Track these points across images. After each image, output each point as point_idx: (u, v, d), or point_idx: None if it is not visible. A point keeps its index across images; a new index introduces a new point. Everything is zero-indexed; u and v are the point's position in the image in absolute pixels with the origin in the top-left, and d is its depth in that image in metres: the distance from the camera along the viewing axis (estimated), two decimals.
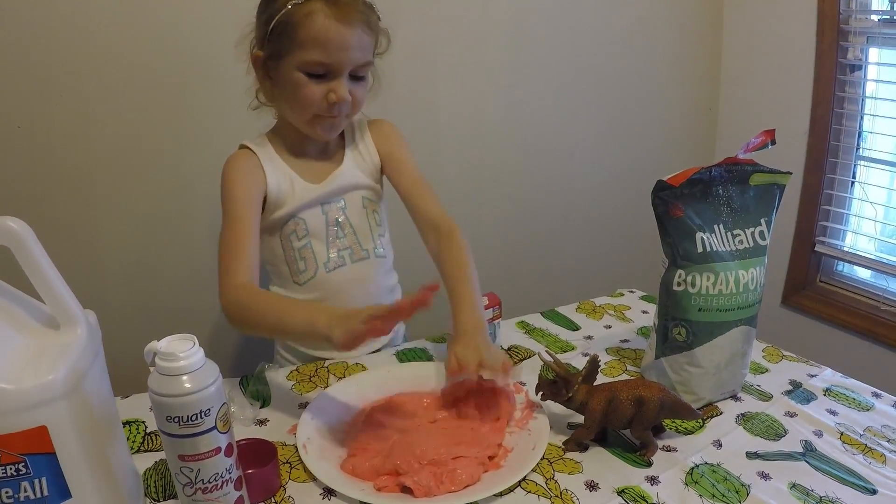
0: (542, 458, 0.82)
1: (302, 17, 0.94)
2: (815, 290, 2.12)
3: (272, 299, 0.98)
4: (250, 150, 1.09)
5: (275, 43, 0.99)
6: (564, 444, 0.87)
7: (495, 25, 1.81)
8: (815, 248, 2.08)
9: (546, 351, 1.13)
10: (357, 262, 1.15)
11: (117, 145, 1.45)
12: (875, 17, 1.87)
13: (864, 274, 2.06)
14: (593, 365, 0.86)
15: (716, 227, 0.93)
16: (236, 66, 1.49)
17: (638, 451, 0.85)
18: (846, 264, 2.09)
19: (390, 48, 1.09)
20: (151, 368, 0.63)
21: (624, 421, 0.84)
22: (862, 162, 1.99)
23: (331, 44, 0.95)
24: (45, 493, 0.60)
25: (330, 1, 0.94)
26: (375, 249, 1.17)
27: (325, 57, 0.96)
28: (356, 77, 1.02)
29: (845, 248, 2.06)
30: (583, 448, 0.86)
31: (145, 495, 0.77)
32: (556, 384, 0.87)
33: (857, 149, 1.98)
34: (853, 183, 2.01)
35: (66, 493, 0.61)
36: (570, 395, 0.85)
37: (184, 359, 0.62)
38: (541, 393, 0.88)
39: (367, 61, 1.02)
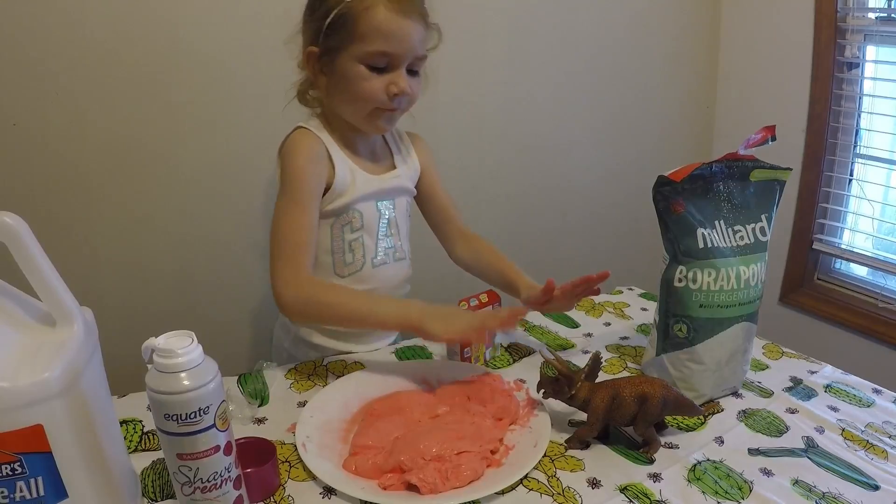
0: (544, 455, 0.82)
1: (362, 10, 0.95)
2: (812, 288, 2.12)
3: (352, 292, 1.04)
4: (315, 134, 1.06)
5: (332, 38, 0.98)
6: (567, 441, 0.86)
7: (492, 22, 1.80)
8: (813, 246, 2.08)
9: (547, 348, 1.13)
10: (397, 262, 1.17)
11: (114, 142, 1.44)
12: (872, 15, 1.87)
13: (861, 271, 2.06)
14: (595, 362, 0.86)
15: (716, 222, 0.93)
16: (234, 63, 1.49)
17: (641, 449, 0.85)
18: (844, 262, 2.09)
19: None
20: (149, 365, 0.62)
21: (627, 418, 0.83)
22: (859, 159, 1.99)
23: (392, 35, 0.96)
24: (41, 493, 0.59)
25: None
26: (409, 251, 1.20)
27: (387, 47, 0.97)
28: (412, 72, 1.03)
29: (843, 246, 2.06)
30: (585, 446, 0.86)
31: (143, 495, 0.76)
32: (558, 382, 0.86)
33: (855, 146, 1.98)
34: (851, 181, 2.01)
35: (63, 493, 0.60)
36: (572, 392, 0.84)
37: (182, 355, 0.61)
38: (542, 391, 0.88)
39: (423, 55, 1.03)
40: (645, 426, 0.84)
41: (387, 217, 1.14)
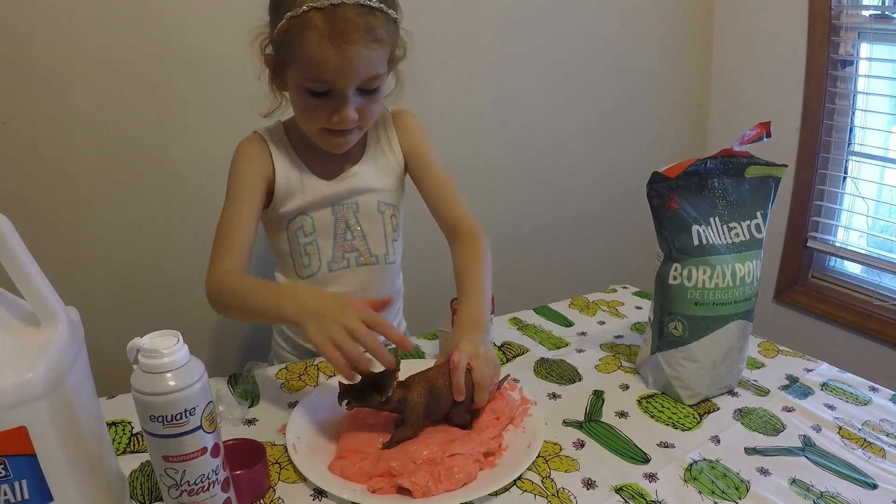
0: (538, 455, 0.81)
1: (299, 31, 0.87)
2: (807, 286, 2.12)
3: (248, 283, 0.94)
4: (261, 137, 1.06)
5: (279, 53, 0.93)
6: (385, 446, 0.81)
7: (486, 21, 1.80)
8: (808, 244, 2.08)
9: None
10: (362, 267, 1.12)
11: (103, 141, 1.43)
12: (866, 13, 1.87)
13: (855, 269, 2.06)
14: (397, 357, 0.81)
15: (711, 219, 0.92)
16: (224, 63, 1.48)
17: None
18: (838, 260, 2.09)
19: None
20: (134, 366, 0.61)
21: (446, 409, 0.83)
22: (853, 157, 1.99)
23: (326, 66, 0.88)
24: (26, 497, 0.58)
25: (327, 17, 0.85)
26: (385, 255, 1.14)
27: (323, 77, 0.90)
28: (366, 91, 0.95)
29: (837, 244, 2.06)
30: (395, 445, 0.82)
31: (131, 498, 0.75)
32: (364, 390, 0.79)
33: (849, 144, 1.98)
34: (845, 178, 2.01)
35: (48, 496, 0.59)
36: (383, 398, 0.78)
37: (167, 356, 0.59)
38: (346, 402, 0.81)
39: (374, 75, 0.93)
40: (464, 411, 0.83)
41: (347, 221, 1.08)
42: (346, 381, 0.81)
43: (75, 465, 0.61)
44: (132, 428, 0.88)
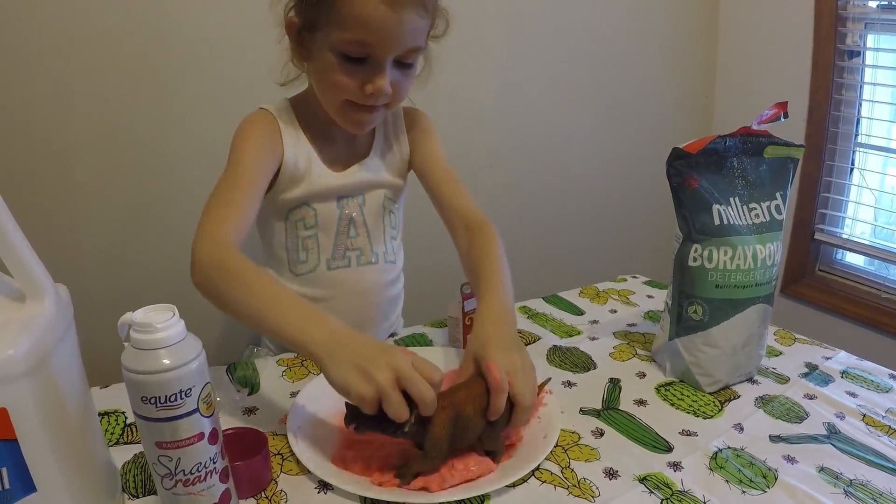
0: (556, 445, 0.76)
1: None
2: (814, 279, 2.10)
3: (269, 280, 0.80)
4: (271, 113, 0.97)
5: (311, 12, 0.85)
6: (397, 475, 0.70)
7: (492, 11, 1.78)
8: (815, 237, 2.05)
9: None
10: (363, 267, 1.05)
11: (98, 130, 1.41)
12: (873, 3, 1.85)
13: (863, 262, 2.03)
14: None
15: (731, 199, 0.89)
16: (222, 51, 1.45)
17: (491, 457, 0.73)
18: (845, 252, 2.06)
19: None
20: (126, 343, 0.56)
21: (474, 439, 0.71)
22: (860, 148, 1.96)
23: (375, 27, 0.81)
24: (6, 486, 0.53)
25: None
26: (385, 254, 1.08)
27: (366, 40, 0.83)
28: (402, 64, 0.89)
29: (844, 236, 2.03)
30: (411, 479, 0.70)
31: (123, 490, 0.70)
32: (377, 416, 0.67)
33: (856, 135, 1.96)
34: (852, 170, 1.98)
35: (31, 486, 0.54)
36: (404, 428, 0.66)
37: (162, 330, 0.54)
38: (353, 425, 0.68)
39: (416, 46, 0.87)
40: (494, 438, 0.72)
41: (351, 215, 1.01)
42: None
43: (61, 453, 0.56)
44: (126, 418, 0.83)
